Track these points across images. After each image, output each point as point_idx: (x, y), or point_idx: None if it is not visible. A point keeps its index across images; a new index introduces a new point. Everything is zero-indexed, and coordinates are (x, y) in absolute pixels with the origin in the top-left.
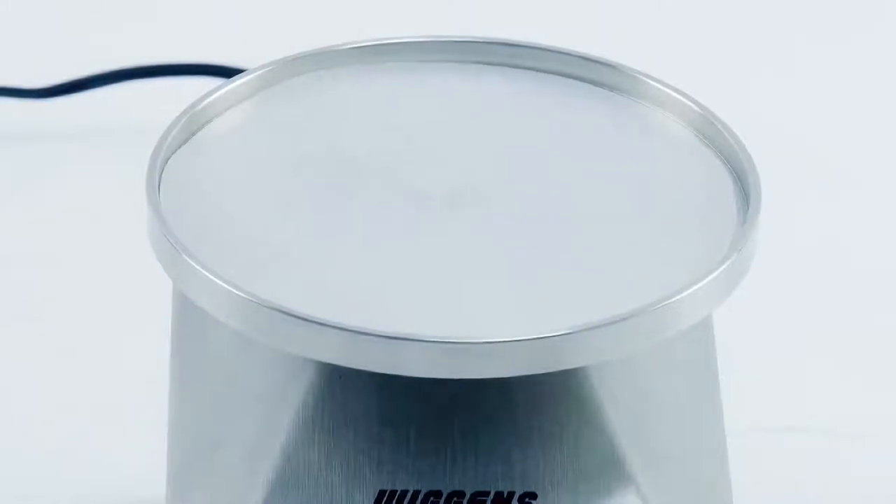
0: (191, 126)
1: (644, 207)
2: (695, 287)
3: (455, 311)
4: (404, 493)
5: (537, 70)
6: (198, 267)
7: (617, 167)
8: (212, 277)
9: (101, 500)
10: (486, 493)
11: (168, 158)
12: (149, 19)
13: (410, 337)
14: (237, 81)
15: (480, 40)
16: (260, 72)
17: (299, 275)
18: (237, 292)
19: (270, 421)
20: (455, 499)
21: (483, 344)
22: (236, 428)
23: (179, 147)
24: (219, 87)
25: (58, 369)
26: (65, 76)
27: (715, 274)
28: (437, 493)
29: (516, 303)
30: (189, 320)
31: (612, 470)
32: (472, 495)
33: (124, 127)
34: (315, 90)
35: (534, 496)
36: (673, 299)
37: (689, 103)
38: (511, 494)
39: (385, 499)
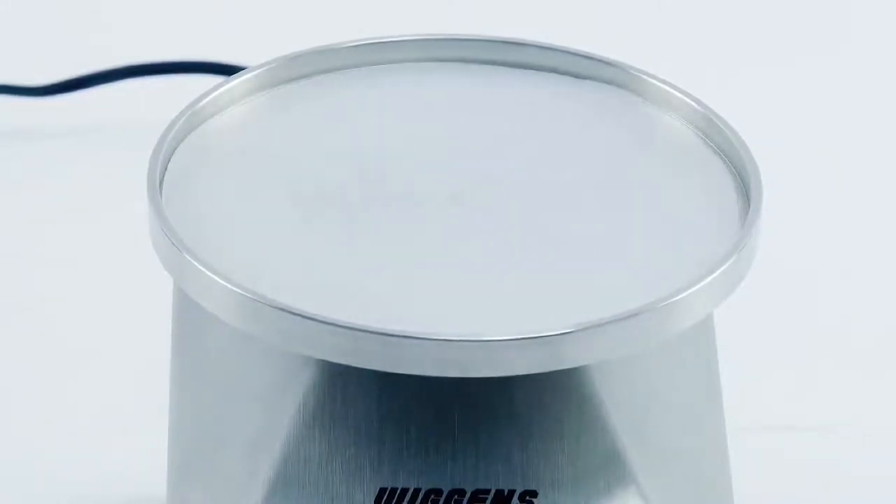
0: (191, 124)
1: (645, 206)
2: (696, 286)
3: (456, 310)
4: (405, 490)
5: (539, 69)
6: (198, 265)
7: (618, 166)
8: (212, 275)
9: (101, 500)
10: (487, 492)
11: (169, 156)
12: (149, 18)
13: (411, 335)
14: (237, 79)
15: (481, 39)
16: (260, 70)
17: (299, 273)
18: (238, 290)
19: (271, 419)
20: (456, 497)
21: (484, 342)
22: (236, 427)
23: (180, 145)
24: (219, 85)
25: (58, 369)
26: (65, 74)
27: (716, 273)
28: (438, 491)
29: (517, 302)
30: (189, 319)
31: (612, 468)
32: (472, 493)
33: (125, 124)
34: (315, 89)
35: (534, 494)
36: (674, 299)
37: (691, 102)
38: (512, 492)
39: (386, 497)
